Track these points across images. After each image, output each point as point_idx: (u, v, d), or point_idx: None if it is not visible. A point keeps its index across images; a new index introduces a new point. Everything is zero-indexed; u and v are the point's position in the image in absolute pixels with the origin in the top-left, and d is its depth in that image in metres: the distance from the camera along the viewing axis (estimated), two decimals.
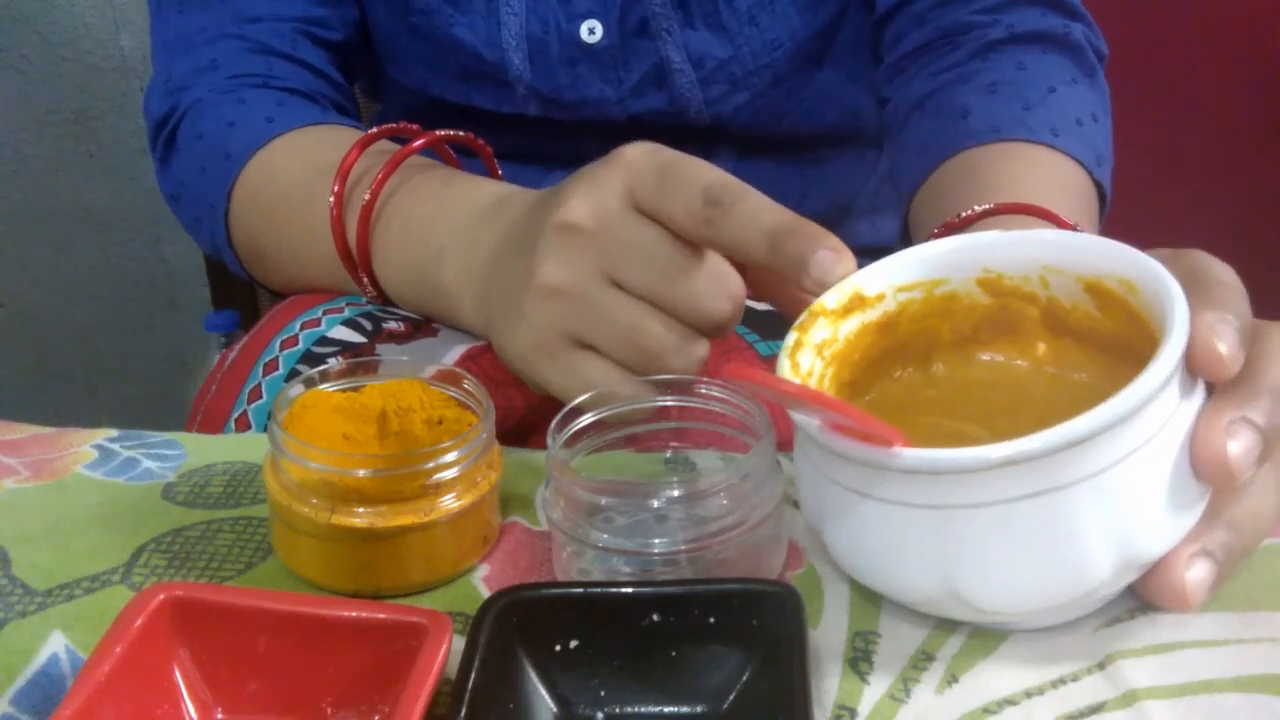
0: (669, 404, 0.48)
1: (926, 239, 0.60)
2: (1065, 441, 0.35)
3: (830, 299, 0.44)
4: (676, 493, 0.42)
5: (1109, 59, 0.75)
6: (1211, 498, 0.39)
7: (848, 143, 0.85)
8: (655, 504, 0.43)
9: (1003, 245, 0.44)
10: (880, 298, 0.45)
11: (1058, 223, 0.56)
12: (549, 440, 0.45)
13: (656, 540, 0.42)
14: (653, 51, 0.76)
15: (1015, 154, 0.64)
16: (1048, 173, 0.64)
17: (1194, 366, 0.38)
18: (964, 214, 0.58)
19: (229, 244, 0.73)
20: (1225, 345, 0.37)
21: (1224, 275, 0.41)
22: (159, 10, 0.77)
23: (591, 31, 0.75)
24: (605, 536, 0.43)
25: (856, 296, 0.44)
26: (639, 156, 0.49)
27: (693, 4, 0.75)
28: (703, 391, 0.47)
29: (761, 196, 0.46)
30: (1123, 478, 0.36)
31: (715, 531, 0.42)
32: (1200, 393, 0.39)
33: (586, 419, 0.47)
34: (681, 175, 0.47)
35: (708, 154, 0.80)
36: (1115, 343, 0.42)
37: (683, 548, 0.42)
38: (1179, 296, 0.38)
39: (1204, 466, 0.38)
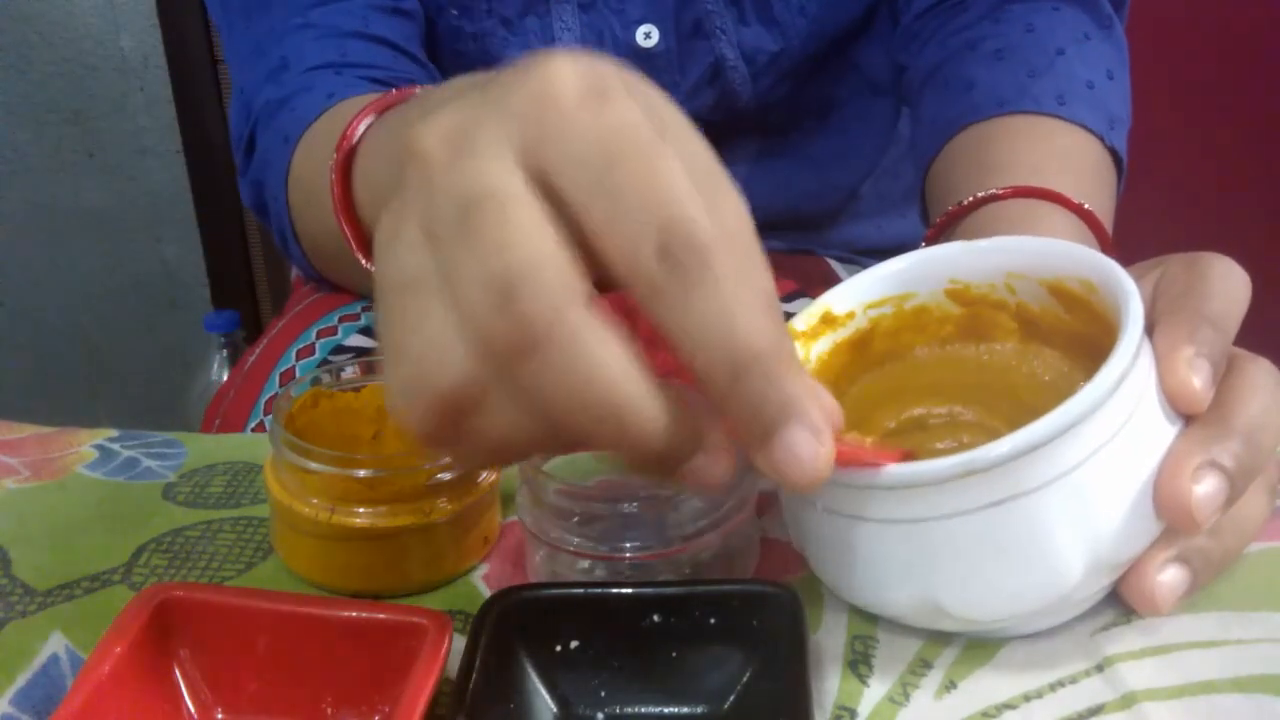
0: None
1: (931, 227, 0.60)
2: (1024, 447, 0.35)
3: (800, 321, 0.44)
4: (648, 496, 0.42)
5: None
6: None
7: (862, 101, 0.83)
8: (625, 508, 0.42)
9: (966, 255, 0.44)
10: (850, 316, 0.45)
11: (1064, 203, 0.55)
12: None
13: (628, 544, 0.42)
14: (708, 52, 0.75)
15: (1021, 128, 0.63)
16: (1054, 147, 0.62)
17: (1169, 398, 0.38)
18: (965, 201, 0.57)
19: (298, 243, 0.65)
20: (1200, 380, 0.37)
21: (1224, 289, 0.40)
22: (230, 31, 0.72)
23: (648, 36, 0.74)
24: (576, 540, 0.42)
25: (826, 316, 0.45)
26: (572, 96, 0.30)
27: (745, 0, 0.74)
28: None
29: (751, 273, 0.30)
30: (1087, 479, 0.36)
31: (689, 535, 0.42)
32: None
33: None
34: (639, 182, 0.29)
35: (729, 141, 0.79)
36: (1084, 342, 0.42)
37: (655, 551, 0.42)
38: (1134, 295, 0.38)
39: (1168, 509, 0.37)
